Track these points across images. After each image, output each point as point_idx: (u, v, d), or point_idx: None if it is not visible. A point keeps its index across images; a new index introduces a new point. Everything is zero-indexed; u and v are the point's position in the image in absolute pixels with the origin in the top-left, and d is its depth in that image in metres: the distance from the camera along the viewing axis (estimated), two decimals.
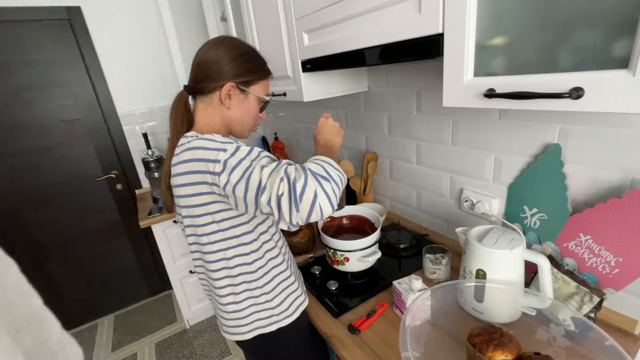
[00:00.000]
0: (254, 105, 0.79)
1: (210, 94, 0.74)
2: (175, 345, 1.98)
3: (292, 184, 0.57)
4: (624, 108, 0.41)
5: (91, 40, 1.89)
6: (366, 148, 1.46)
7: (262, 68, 0.78)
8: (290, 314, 0.82)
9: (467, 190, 1.04)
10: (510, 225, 0.83)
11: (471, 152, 0.99)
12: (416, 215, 1.31)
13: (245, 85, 0.75)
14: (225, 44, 0.73)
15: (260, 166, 0.60)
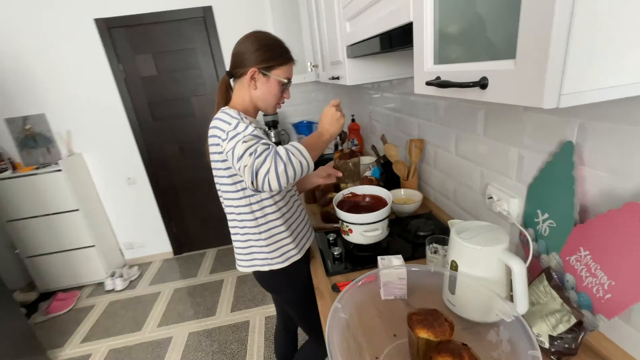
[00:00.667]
0: (275, 86, 0.95)
1: (242, 77, 0.94)
2: (251, 281, 2.45)
3: (253, 160, 0.74)
4: (514, 99, 0.41)
5: (217, 32, 2.40)
6: (418, 134, 1.44)
7: (282, 56, 0.94)
8: (281, 261, 1.00)
9: (491, 186, 0.96)
10: (522, 231, 0.77)
11: (498, 146, 0.91)
12: (451, 208, 1.26)
13: (266, 70, 0.92)
14: (253, 37, 0.93)
15: (243, 141, 0.78)
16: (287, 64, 0.96)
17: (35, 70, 2.31)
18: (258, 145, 0.77)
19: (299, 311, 1.15)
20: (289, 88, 1.01)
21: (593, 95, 0.36)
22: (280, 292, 1.12)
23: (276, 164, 0.74)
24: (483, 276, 0.72)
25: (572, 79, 0.35)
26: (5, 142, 2.45)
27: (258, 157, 0.74)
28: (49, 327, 2.26)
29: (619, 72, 0.36)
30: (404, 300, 0.87)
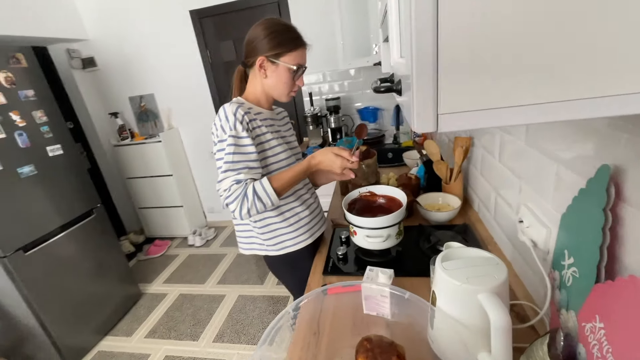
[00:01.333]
0: (285, 74, 0.93)
1: (253, 66, 0.94)
2: None
3: (225, 196, 0.87)
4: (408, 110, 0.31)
5: (290, 17, 2.44)
6: (470, 132, 1.22)
7: (291, 42, 0.91)
8: (276, 249, 1.02)
9: (525, 207, 0.76)
10: (541, 271, 0.60)
11: (538, 158, 0.70)
12: (490, 223, 1.05)
13: (275, 58, 0.90)
14: (262, 25, 0.91)
15: (222, 170, 0.88)
16: (297, 50, 0.92)
17: (148, 56, 2.80)
18: (232, 182, 0.86)
19: (297, 297, 1.16)
20: (301, 75, 0.97)
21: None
22: (280, 276, 1.16)
23: (241, 207, 0.86)
24: (460, 317, 0.59)
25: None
26: (129, 116, 3.09)
27: (229, 196, 0.86)
28: (144, 266, 2.85)
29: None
30: (386, 320, 0.79)
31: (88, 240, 2.02)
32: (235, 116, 0.88)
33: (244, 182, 0.87)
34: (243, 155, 0.89)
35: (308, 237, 1.08)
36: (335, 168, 0.90)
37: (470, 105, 0.24)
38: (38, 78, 1.81)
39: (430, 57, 0.25)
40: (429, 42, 0.24)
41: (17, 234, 1.64)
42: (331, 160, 0.90)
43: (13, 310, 1.71)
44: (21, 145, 1.69)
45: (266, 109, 1.02)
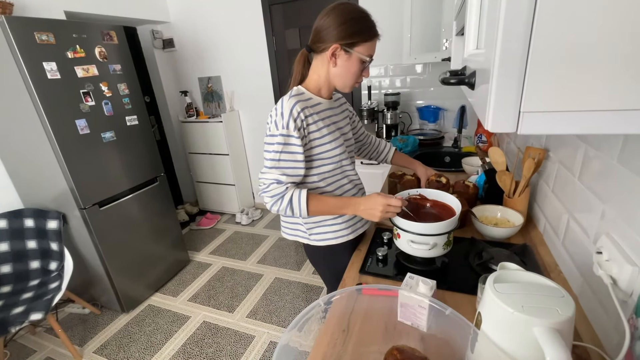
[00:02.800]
0: (356, 64, 0.90)
1: (322, 53, 0.91)
2: None
3: (262, 191, 0.92)
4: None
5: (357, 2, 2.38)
6: (543, 142, 1.08)
7: (366, 31, 0.86)
8: (317, 240, 1.04)
9: (607, 237, 0.64)
10: (620, 315, 0.51)
11: (634, 181, 0.59)
12: (556, 248, 0.92)
13: (349, 47, 0.87)
14: (338, 10, 0.86)
15: (268, 167, 0.91)
16: (372, 40, 0.89)
17: (219, 40, 2.96)
18: (273, 180, 0.90)
19: (331, 289, 1.18)
20: (369, 66, 0.94)
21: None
22: (316, 265, 1.17)
23: (274, 205, 0.91)
24: (508, 347, 0.53)
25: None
26: (196, 95, 3.32)
27: (267, 191, 0.91)
28: (195, 236, 3.08)
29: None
30: (420, 332, 0.74)
31: (150, 205, 2.23)
32: (291, 113, 0.88)
33: (284, 185, 0.90)
34: (289, 155, 0.90)
35: (350, 233, 1.06)
36: (375, 218, 0.91)
37: (569, 104, 0.19)
38: (126, 54, 2.02)
39: (520, 43, 0.20)
40: (520, 26, 0.20)
41: (96, 190, 1.88)
42: (373, 214, 0.91)
43: (86, 255, 1.98)
44: (106, 113, 1.91)
45: (326, 98, 1.01)
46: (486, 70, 0.24)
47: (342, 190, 1.05)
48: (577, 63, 0.19)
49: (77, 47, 1.73)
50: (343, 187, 1.05)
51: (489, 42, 0.23)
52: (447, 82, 0.34)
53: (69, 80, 1.71)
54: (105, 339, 1.94)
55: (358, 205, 0.93)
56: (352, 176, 1.09)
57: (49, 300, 1.65)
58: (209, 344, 1.83)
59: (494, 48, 0.21)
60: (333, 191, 1.03)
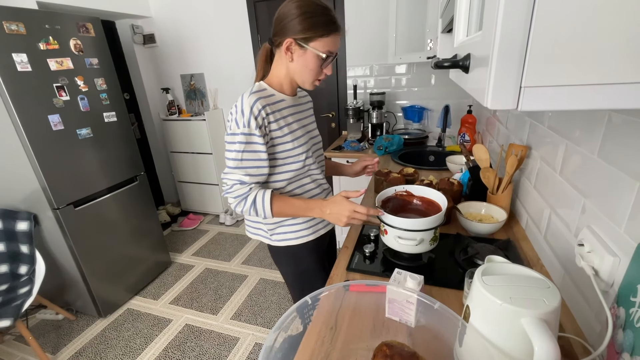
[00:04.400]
0: (313, 60, 0.84)
1: (280, 47, 0.86)
2: None
3: (226, 192, 0.90)
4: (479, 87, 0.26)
5: (343, 5, 2.39)
6: (525, 139, 1.10)
7: (324, 26, 0.81)
8: (277, 240, 1.03)
9: (589, 229, 0.66)
10: (603, 305, 0.52)
11: (613, 174, 0.60)
12: (538, 243, 0.94)
13: (304, 42, 0.82)
14: (294, 2, 0.81)
15: (230, 167, 0.88)
16: (329, 36, 0.83)
17: (202, 36, 2.90)
18: (236, 181, 0.88)
19: (292, 290, 1.15)
20: (330, 63, 0.89)
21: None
22: (279, 266, 1.13)
23: (237, 206, 0.89)
24: (496, 339, 0.53)
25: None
26: (178, 93, 3.23)
27: (230, 192, 0.89)
28: (177, 237, 2.99)
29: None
30: (409, 328, 0.74)
31: (129, 205, 2.15)
32: (252, 111, 0.83)
33: (247, 186, 0.88)
34: (252, 154, 0.86)
35: (311, 234, 1.04)
36: (340, 223, 0.89)
37: (572, 78, 0.18)
38: (103, 48, 1.93)
39: (522, 17, 0.19)
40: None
41: (70, 189, 1.79)
42: (339, 218, 0.90)
43: (60, 258, 1.88)
44: (82, 109, 1.82)
45: (289, 94, 0.97)
46: (485, 49, 0.23)
47: (306, 191, 1.03)
48: (581, 35, 0.19)
49: (50, 38, 1.65)
50: (306, 187, 1.03)
51: (489, 21, 0.23)
52: (440, 65, 0.33)
53: (41, 73, 1.63)
54: (81, 345, 1.85)
55: (324, 208, 0.90)
56: (318, 177, 1.06)
57: (18, 306, 1.55)
58: (191, 347, 1.78)
59: (494, 24, 0.20)
60: (297, 193, 1.00)
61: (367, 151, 2.20)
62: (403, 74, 2.46)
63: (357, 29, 2.43)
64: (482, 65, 0.23)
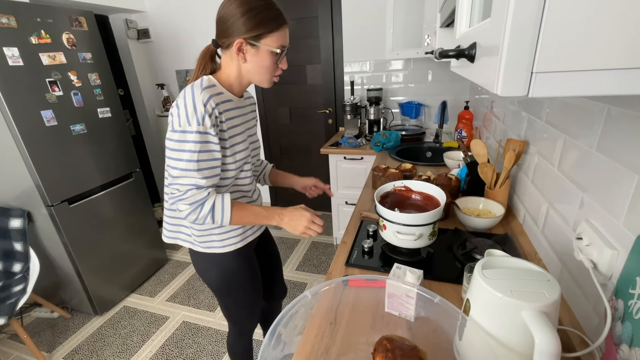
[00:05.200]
0: (268, 57, 0.83)
1: (229, 49, 0.82)
2: (322, 249, 2.56)
3: (178, 198, 0.82)
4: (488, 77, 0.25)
5: (340, 3, 2.37)
6: (523, 134, 1.11)
7: (272, 21, 0.79)
8: (203, 247, 0.97)
9: (587, 223, 0.66)
10: (602, 297, 0.52)
11: (612, 167, 0.61)
12: (536, 237, 0.94)
13: (255, 40, 0.79)
14: (237, 0, 0.78)
15: (185, 169, 0.80)
16: (279, 30, 0.81)
17: (195, 32, 2.86)
18: (192, 186, 0.80)
19: (217, 297, 1.09)
20: (284, 57, 0.87)
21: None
22: (203, 273, 1.04)
23: (191, 213, 0.82)
24: (496, 333, 0.53)
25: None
26: (173, 88, 3.20)
27: (183, 198, 0.81)
28: None
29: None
30: (408, 322, 0.74)
31: (125, 202, 2.13)
32: (206, 107, 0.78)
33: (205, 190, 0.82)
34: (207, 154, 0.81)
35: (239, 241, 0.99)
36: (296, 231, 0.90)
37: (586, 62, 0.18)
38: (96, 43, 1.90)
39: (535, 2, 0.19)
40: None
41: (65, 186, 1.76)
42: (296, 227, 0.90)
43: (54, 256, 1.86)
44: (75, 105, 1.79)
45: (237, 95, 0.92)
46: (494, 36, 0.22)
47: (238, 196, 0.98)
48: (596, 18, 0.18)
49: (42, 32, 1.62)
50: (242, 199, 0.99)
51: (499, 6, 0.22)
52: (445, 54, 0.33)
53: (33, 68, 1.60)
54: (77, 343, 1.84)
55: (283, 216, 0.90)
56: (245, 186, 0.99)
57: (12, 304, 1.54)
58: (189, 344, 1.77)
59: (505, 9, 0.20)
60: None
61: (364, 147, 2.19)
62: (400, 70, 2.46)
63: (354, 24, 2.42)
64: (490, 52, 0.23)
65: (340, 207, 2.42)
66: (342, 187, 2.35)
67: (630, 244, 0.54)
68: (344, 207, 2.40)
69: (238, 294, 1.07)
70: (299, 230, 0.89)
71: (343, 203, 2.40)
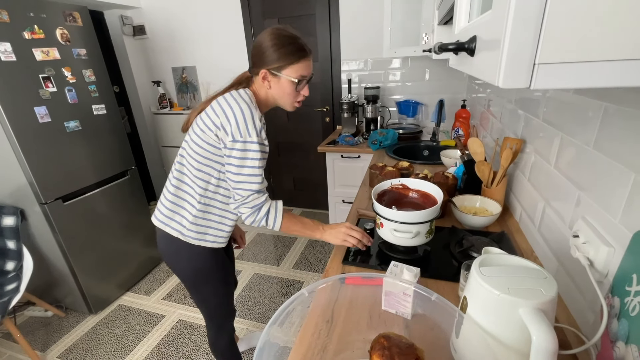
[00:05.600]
0: (288, 85, 0.94)
1: (258, 76, 0.95)
2: (319, 247, 2.56)
3: (242, 202, 0.94)
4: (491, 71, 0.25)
5: (338, 1, 2.36)
6: (520, 133, 1.11)
7: (293, 54, 0.90)
8: (195, 238, 1.01)
9: (584, 221, 0.66)
10: (598, 294, 0.52)
11: (609, 165, 0.61)
12: (533, 236, 0.95)
13: (277, 70, 0.92)
14: (267, 35, 0.91)
15: (249, 174, 0.92)
16: (299, 62, 0.92)
17: (194, 29, 2.84)
18: (252, 192, 0.92)
19: (194, 290, 1.12)
20: (306, 85, 0.98)
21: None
22: (177, 260, 1.06)
23: (250, 216, 0.95)
24: (494, 330, 0.53)
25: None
26: (170, 86, 3.17)
27: (245, 202, 0.93)
28: None
29: None
30: (405, 320, 0.74)
31: (120, 200, 2.11)
32: (262, 122, 0.92)
33: (263, 195, 0.95)
34: (263, 162, 0.94)
35: (222, 242, 1.07)
36: (337, 241, 0.98)
37: (590, 53, 0.17)
38: (91, 38, 1.88)
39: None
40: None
41: (59, 184, 1.74)
42: (336, 235, 0.98)
43: (48, 254, 1.84)
44: (70, 101, 1.77)
45: (261, 113, 1.01)
46: (496, 28, 0.22)
47: (215, 211, 1.03)
48: (602, 6, 0.18)
49: (35, 27, 1.59)
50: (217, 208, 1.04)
51: None
52: (444, 48, 0.32)
53: (26, 63, 1.57)
54: (71, 342, 1.82)
55: (325, 228, 1.00)
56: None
57: (5, 303, 1.52)
58: (185, 342, 1.76)
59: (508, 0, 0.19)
60: (211, 210, 1.02)
61: (361, 145, 2.19)
62: (397, 69, 2.45)
63: (351, 22, 2.41)
64: (492, 44, 0.23)
65: (337, 205, 2.42)
66: (339, 185, 2.35)
67: (626, 242, 0.54)
68: (341, 205, 2.40)
69: (217, 286, 1.13)
70: (340, 237, 0.96)
71: (340, 201, 2.39)
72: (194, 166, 0.95)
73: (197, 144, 0.94)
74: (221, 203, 1.01)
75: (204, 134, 0.92)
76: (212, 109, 0.91)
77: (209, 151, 0.93)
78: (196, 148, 0.94)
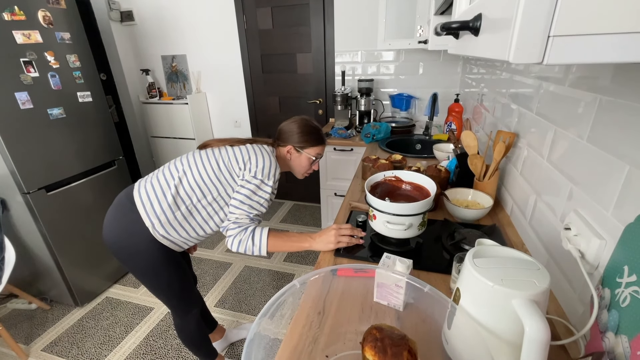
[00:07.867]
0: (306, 160, 1.19)
1: (282, 147, 1.18)
2: None
3: (230, 230, 1.04)
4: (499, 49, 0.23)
5: None
6: (514, 127, 1.11)
7: (315, 140, 1.17)
8: (161, 235, 1.06)
9: (576, 213, 0.66)
10: (590, 286, 0.52)
11: (602, 158, 0.61)
12: (524, 229, 0.95)
13: (300, 148, 1.16)
14: (297, 123, 1.17)
15: (248, 213, 1.05)
16: (317, 146, 1.18)
17: (184, 16, 2.76)
18: (246, 216, 1.05)
19: (148, 280, 1.15)
20: (317, 162, 1.22)
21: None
22: (136, 252, 1.08)
23: (235, 237, 1.03)
24: (486, 321, 0.53)
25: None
26: (159, 75, 3.09)
27: (236, 222, 1.04)
28: None
29: None
30: (397, 312, 0.73)
31: (107, 190, 2.06)
32: (279, 175, 1.11)
33: (254, 222, 1.06)
34: (268, 202, 1.09)
35: (182, 249, 1.16)
36: (331, 245, 0.97)
37: (611, 24, 0.16)
38: (75, 22, 1.80)
39: None
40: None
41: (41, 173, 1.68)
42: (327, 241, 0.97)
43: (31, 245, 1.78)
44: (53, 87, 1.70)
45: None
46: (507, 3, 0.20)
47: (194, 222, 1.10)
48: None
49: (16, 8, 1.52)
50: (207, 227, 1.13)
51: None
52: (447, 27, 0.31)
53: (5, 47, 1.50)
54: (56, 335, 1.78)
55: (314, 238, 1.01)
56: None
57: None
58: (173, 335, 1.74)
59: None
60: (207, 222, 1.11)
61: (354, 139, 2.18)
62: (391, 62, 2.44)
63: (346, 13, 2.37)
64: (501, 19, 0.21)
65: (329, 198, 2.41)
66: (331, 178, 2.34)
67: (618, 234, 0.54)
68: (333, 198, 2.39)
69: (165, 277, 1.14)
70: (331, 242, 0.96)
71: (332, 194, 2.38)
72: (203, 178, 1.05)
73: (216, 165, 1.05)
74: (204, 217, 1.09)
75: (229, 162, 1.06)
76: (247, 150, 1.08)
77: (223, 174, 1.05)
78: (210, 167, 1.05)
